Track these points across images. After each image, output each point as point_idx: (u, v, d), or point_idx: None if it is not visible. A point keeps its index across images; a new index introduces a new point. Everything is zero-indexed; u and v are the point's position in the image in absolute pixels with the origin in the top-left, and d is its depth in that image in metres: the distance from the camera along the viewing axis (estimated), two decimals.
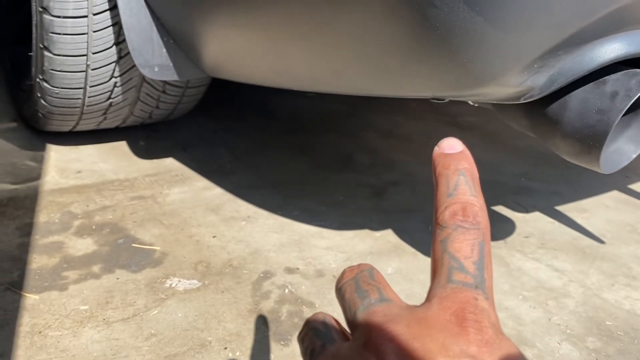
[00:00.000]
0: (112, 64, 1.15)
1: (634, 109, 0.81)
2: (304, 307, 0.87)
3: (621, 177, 1.48)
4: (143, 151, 1.40)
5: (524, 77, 0.69)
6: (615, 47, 0.70)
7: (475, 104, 0.91)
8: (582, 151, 0.77)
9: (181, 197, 1.19)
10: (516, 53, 0.65)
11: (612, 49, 0.70)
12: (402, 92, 0.78)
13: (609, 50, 0.70)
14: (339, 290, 0.31)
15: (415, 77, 0.71)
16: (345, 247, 1.05)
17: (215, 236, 1.05)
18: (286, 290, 0.91)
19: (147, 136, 1.49)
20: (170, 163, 1.35)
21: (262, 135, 1.58)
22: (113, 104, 1.25)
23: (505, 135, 1.73)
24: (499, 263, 1.04)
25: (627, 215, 1.28)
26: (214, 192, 1.23)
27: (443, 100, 0.84)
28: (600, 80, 0.74)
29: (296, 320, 0.84)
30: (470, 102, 0.88)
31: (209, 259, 0.98)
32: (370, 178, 1.36)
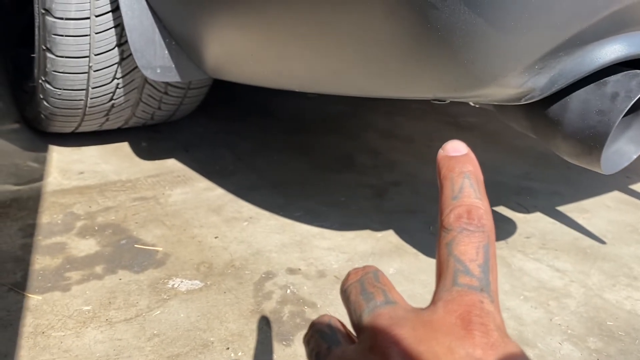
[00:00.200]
0: (115, 65, 1.15)
1: (635, 110, 0.81)
2: (305, 307, 0.88)
3: (622, 177, 1.48)
4: (145, 152, 1.40)
5: (525, 78, 0.69)
6: (616, 49, 0.70)
7: (476, 104, 0.91)
8: (583, 152, 0.77)
9: (183, 197, 1.19)
10: (517, 54, 0.65)
11: (613, 50, 0.70)
12: (403, 93, 0.78)
13: (610, 51, 0.70)
14: (344, 293, 0.31)
15: (416, 78, 0.72)
16: (347, 248, 1.05)
17: (217, 237, 1.05)
18: (288, 291, 0.91)
19: (149, 137, 1.49)
20: (172, 164, 1.35)
21: (263, 136, 1.59)
22: (115, 106, 1.25)
23: (505, 136, 1.73)
24: (501, 263, 1.05)
25: (628, 216, 1.28)
26: (216, 192, 1.23)
27: (444, 101, 0.84)
28: (601, 81, 0.74)
29: (298, 320, 0.85)
30: (471, 103, 0.88)
31: (211, 259, 0.98)
32: (371, 178, 1.36)
